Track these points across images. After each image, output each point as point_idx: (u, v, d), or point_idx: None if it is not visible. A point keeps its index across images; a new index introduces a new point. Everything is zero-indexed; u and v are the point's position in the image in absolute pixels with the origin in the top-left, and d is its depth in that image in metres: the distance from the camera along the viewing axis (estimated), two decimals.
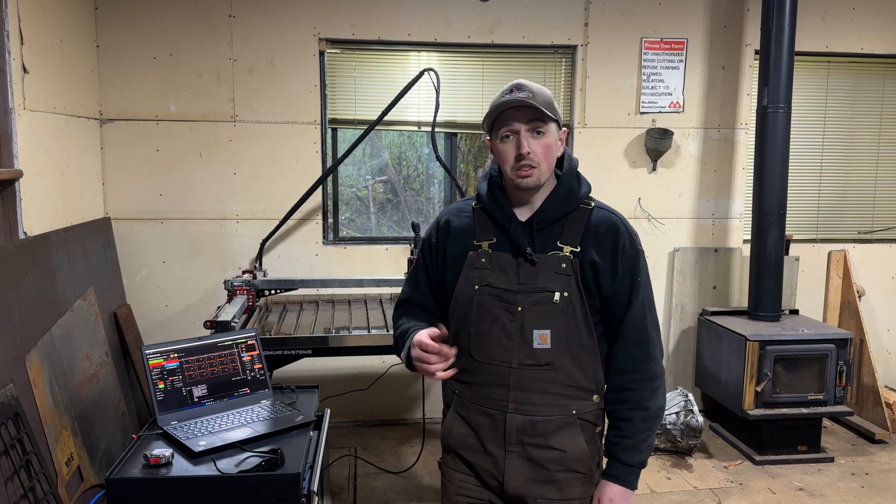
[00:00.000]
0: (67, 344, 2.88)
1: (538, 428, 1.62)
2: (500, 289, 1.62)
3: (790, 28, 3.81)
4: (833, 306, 4.46)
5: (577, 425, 1.64)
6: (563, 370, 1.61)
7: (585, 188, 1.68)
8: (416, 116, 4.10)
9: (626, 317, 1.63)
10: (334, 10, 3.92)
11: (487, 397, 1.65)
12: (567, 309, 1.59)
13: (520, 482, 1.64)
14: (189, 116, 3.88)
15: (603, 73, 4.18)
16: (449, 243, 1.71)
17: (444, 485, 1.78)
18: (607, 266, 1.61)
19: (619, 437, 1.64)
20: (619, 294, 1.62)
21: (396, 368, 3.98)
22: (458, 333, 1.67)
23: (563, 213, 1.64)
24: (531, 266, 1.61)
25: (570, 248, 1.61)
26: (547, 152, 1.59)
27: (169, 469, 1.80)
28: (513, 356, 1.61)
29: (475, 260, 1.66)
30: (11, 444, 2.23)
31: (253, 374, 2.29)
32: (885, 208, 4.61)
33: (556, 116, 1.59)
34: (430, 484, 3.51)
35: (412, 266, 1.85)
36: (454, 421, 1.72)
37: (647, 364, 1.64)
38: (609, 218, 1.64)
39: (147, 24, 3.78)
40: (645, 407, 1.63)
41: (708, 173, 4.35)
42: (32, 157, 2.93)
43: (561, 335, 1.60)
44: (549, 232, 1.63)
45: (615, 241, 1.61)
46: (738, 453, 3.89)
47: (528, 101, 1.54)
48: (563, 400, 1.62)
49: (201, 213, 3.95)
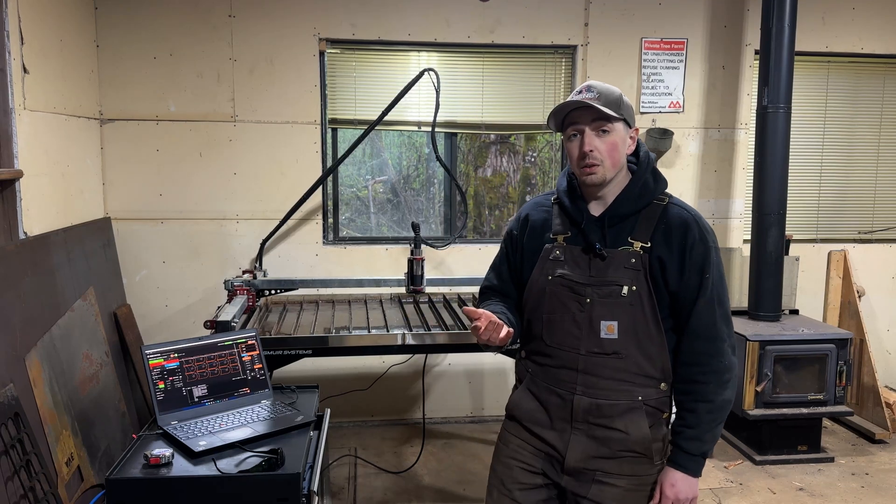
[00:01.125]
0: (67, 344, 2.88)
1: (603, 410, 1.71)
2: (572, 281, 1.72)
3: (790, 28, 3.81)
4: (833, 306, 4.46)
5: (641, 410, 1.71)
6: (630, 359, 1.69)
7: (662, 185, 1.74)
8: (416, 116, 4.10)
9: (693, 312, 1.68)
10: (334, 10, 3.92)
11: (558, 379, 1.76)
12: (635, 302, 1.67)
13: (581, 457, 1.73)
14: (189, 116, 3.88)
15: (603, 73, 4.17)
16: (527, 235, 1.83)
17: (499, 447, 1.89)
18: (675, 263, 1.67)
19: (684, 427, 1.71)
20: (686, 290, 1.68)
21: (396, 368, 3.98)
22: (532, 320, 1.80)
23: (635, 208, 1.71)
24: (601, 260, 1.70)
25: (641, 244, 1.68)
26: (612, 150, 1.66)
27: (169, 469, 1.80)
28: (581, 344, 1.71)
29: (550, 252, 1.77)
30: (11, 444, 2.23)
31: (253, 374, 2.29)
32: (885, 208, 4.61)
33: (624, 115, 1.67)
34: (430, 484, 3.51)
35: (497, 255, 1.97)
36: (525, 396, 1.84)
37: (713, 358, 1.68)
38: (682, 215, 1.70)
39: (147, 24, 3.78)
40: (710, 399, 1.68)
41: (708, 173, 4.35)
42: (32, 157, 2.93)
43: (628, 327, 1.68)
44: (621, 227, 1.71)
45: (685, 238, 1.67)
46: (738, 453, 3.90)
47: (588, 103, 1.63)
48: (629, 386, 1.70)
49: (201, 213, 3.95)
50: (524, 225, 1.86)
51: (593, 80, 1.70)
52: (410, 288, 3.47)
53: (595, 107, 1.62)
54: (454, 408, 4.32)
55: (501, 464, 1.86)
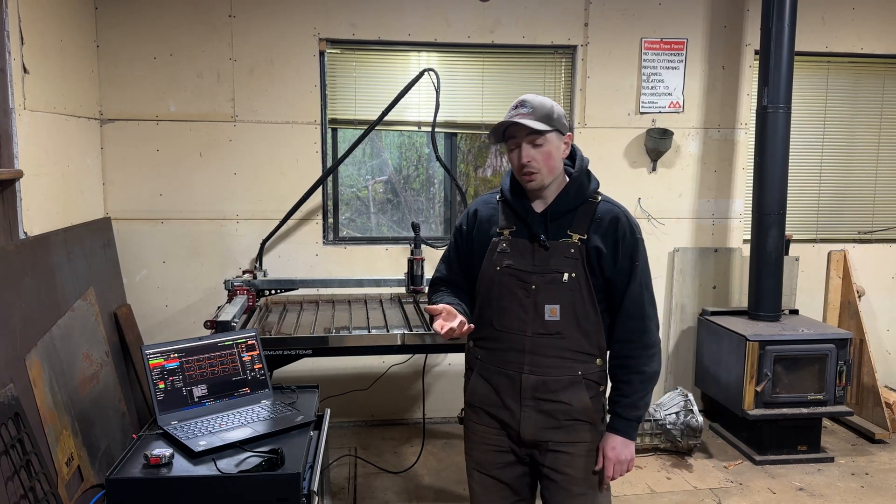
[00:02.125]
0: (67, 344, 2.89)
1: (549, 385, 1.91)
2: (518, 270, 1.91)
3: (790, 28, 3.81)
4: (833, 306, 4.46)
5: (582, 384, 1.92)
6: (571, 338, 1.90)
7: (594, 185, 1.96)
8: (416, 116, 4.10)
9: (626, 295, 1.90)
10: (334, 10, 3.92)
11: (506, 361, 1.94)
12: (574, 287, 1.88)
13: (533, 430, 1.93)
14: (189, 116, 3.88)
15: (603, 74, 4.18)
16: (476, 229, 2.02)
17: (468, 436, 2.08)
18: (609, 251, 1.88)
19: (620, 396, 1.94)
20: (619, 275, 1.90)
21: (396, 368, 3.98)
22: (483, 307, 1.98)
23: (573, 206, 1.92)
24: (545, 251, 1.90)
25: (578, 236, 1.90)
26: (547, 159, 1.86)
27: (169, 469, 1.80)
28: (528, 326, 1.90)
29: (497, 245, 1.96)
30: (11, 444, 2.23)
31: (253, 374, 2.29)
32: (884, 208, 4.61)
33: (556, 126, 1.86)
34: (430, 484, 3.51)
35: (447, 248, 2.14)
36: (478, 382, 2.02)
37: (643, 335, 1.92)
38: (612, 210, 1.92)
39: (147, 24, 3.78)
40: (641, 371, 1.92)
41: (708, 173, 4.35)
42: (32, 157, 2.93)
43: (569, 309, 1.89)
44: (560, 222, 1.92)
45: (616, 230, 1.89)
46: (738, 453, 3.90)
47: (521, 122, 1.82)
48: (570, 363, 1.91)
49: (201, 213, 3.95)
50: (473, 220, 2.03)
51: (527, 95, 1.88)
52: (410, 288, 3.47)
53: (525, 126, 1.82)
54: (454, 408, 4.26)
55: (475, 449, 2.05)
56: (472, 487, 2.08)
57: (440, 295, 2.05)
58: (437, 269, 2.14)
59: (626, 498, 3.39)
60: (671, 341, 4.42)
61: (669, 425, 3.79)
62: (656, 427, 3.83)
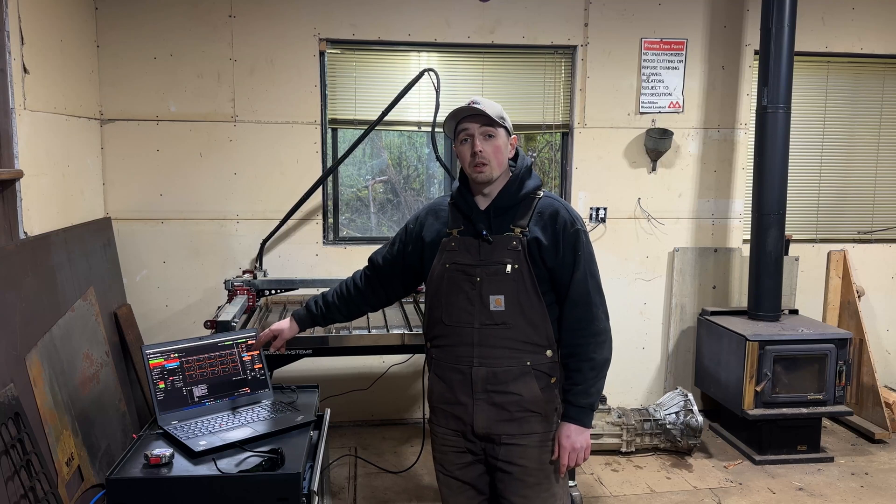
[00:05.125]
0: (68, 344, 2.89)
1: (499, 377, 1.96)
2: (464, 265, 1.98)
3: (790, 28, 3.81)
4: (833, 306, 4.47)
5: (531, 374, 1.97)
6: (517, 328, 1.95)
7: (535, 181, 2.03)
8: (416, 116, 4.10)
9: (571, 284, 1.95)
10: (334, 11, 3.92)
11: (457, 356, 2.00)
12: (517, 278, 1.94)
13: (486, 423, 1.98)
14: (189, 116, 3.88)
15: (603, 74, 4.18)
16: (426, 232, 2.10)
17: (432, 438, 2.13)
18: (550, 243, 1.95)
19: (572, 385, 1.97)
20: (562, 266, 1.95)
21: (396, 368, 3.98)
22: (433, 306, 2.05)
23: (514, 201, 1.99)
24: (489, 245, 1.97)
25: (521, 230, 1.97)
26: (497, 152, 1.96)
27: (169, 469, 1.80)
28: (475, 318, 1.96)
29: (447, 245, 2.03)
30: (12, 444, 2.23)
31: (253, 373, 2.29)
32: (884, 208, 4.62)
33: (506, 125, 1.98)
34: (430, 484, 3.51)
35: (393, 236, 2.24)
36: (434, 380, 2.07)
37: (591, 323, 1.96)
38: (553, 204, 2.00)
39: (147, 24, 3.78)
40: (591, 358, 1.95)
41: (708, 173, 4.35)
42: (33, 157, 2.93)
43: (513, 299, 1.94)
44: (504, 217, 1.99)
45: (556, 222, 1.96)
46: (737, 453, 3.90)
47: (479, 111, 1.92)
48: (518, 354, 1.96)
49: (201, 213, 3.95)
50: (423, 222, 2.13)
51: (478, 97, 1.99)
52: None
53: (485, 114, 1.92)
54: None
55: (437, 451, 2.11)
56: (441, 489, 2.14)
57: (338, 289, 2.28)
58: (377, 251, 2.26)
59: (626, 498, 3.39)
60: (671, 341, 4.42)
61: (669, 425, 3.80)
62: (656, 427, 3.84)
